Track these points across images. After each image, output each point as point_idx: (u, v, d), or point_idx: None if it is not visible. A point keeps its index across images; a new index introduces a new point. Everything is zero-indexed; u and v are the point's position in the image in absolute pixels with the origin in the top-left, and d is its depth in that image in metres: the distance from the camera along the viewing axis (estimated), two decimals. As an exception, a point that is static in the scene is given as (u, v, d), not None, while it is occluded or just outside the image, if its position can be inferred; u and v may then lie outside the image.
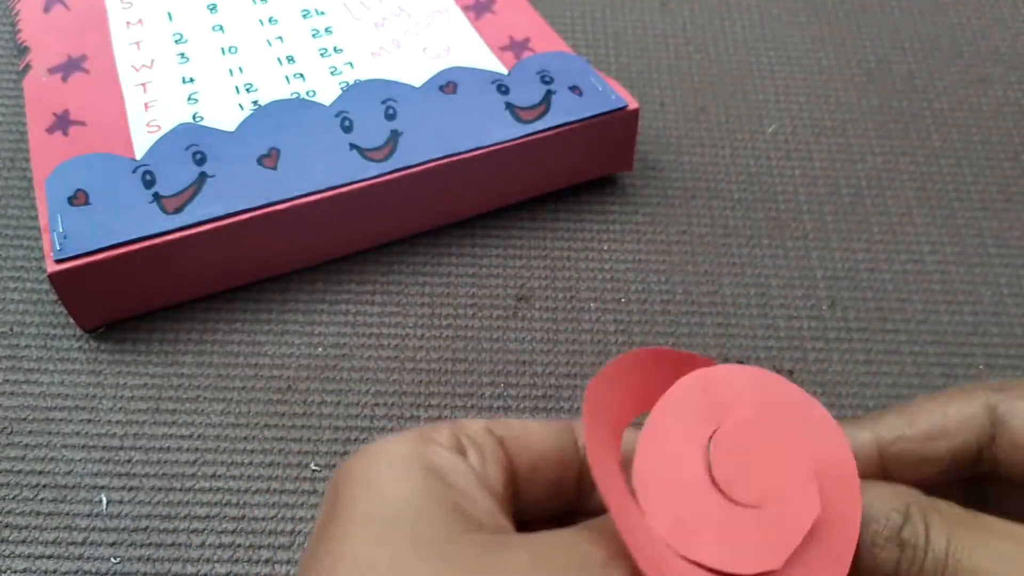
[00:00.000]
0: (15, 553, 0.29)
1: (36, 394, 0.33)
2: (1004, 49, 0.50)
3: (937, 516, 0.16)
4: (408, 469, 0.15)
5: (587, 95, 0.38)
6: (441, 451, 0.16)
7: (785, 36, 0.50)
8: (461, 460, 0.16)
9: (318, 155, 0.36)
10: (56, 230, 0.33)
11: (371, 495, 0.15)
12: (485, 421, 0.18)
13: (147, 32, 0.41)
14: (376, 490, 0.15)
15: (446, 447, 0.16)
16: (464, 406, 0.34)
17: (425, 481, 0.15)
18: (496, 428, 0.18)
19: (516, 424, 0.18)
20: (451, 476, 0.16)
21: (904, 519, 0.16)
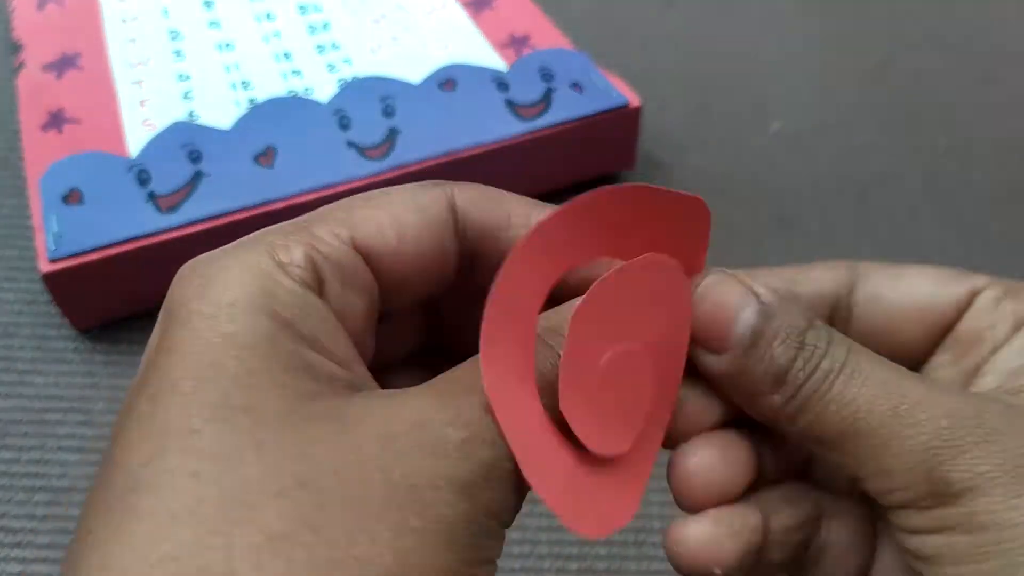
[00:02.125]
0: (10, 556, 0.29)
1: (30, 396, 0.33)
2: (1011, 47, 0.49)
3: (838, 334, 0.16)
4: (248, 316, 0.13)
5: (588, 92, 0.38)
6: (291, 287, 0.14)
7: (789, 33, 0.49)
8: (316, 300, 0.14)
9: (315, 153, 0.35)
10: (50, 229, 0.32)
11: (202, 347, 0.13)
12: (348, 228, 0.15)
13: (142, 29, 0.41)
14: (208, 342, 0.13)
15: (299, 279, 0.14)
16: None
17: (267, 332, 0.13)
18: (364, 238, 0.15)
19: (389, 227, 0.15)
20: (300, 322, 0.13)
21: (807, 324, 0.16)
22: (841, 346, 0.15)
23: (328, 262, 0.14)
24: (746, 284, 0.16)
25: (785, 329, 0.16)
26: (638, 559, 0.30)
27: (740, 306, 0.16)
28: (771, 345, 0.15)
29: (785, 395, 0.15)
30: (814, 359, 0.15)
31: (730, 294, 0.16)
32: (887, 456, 0.15)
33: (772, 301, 0.16)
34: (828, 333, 0.16)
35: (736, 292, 0.16)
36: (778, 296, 0.16)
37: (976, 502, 0.14)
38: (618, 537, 0.30)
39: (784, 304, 0.16)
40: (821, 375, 0.15)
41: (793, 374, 0.15)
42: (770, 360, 0.15)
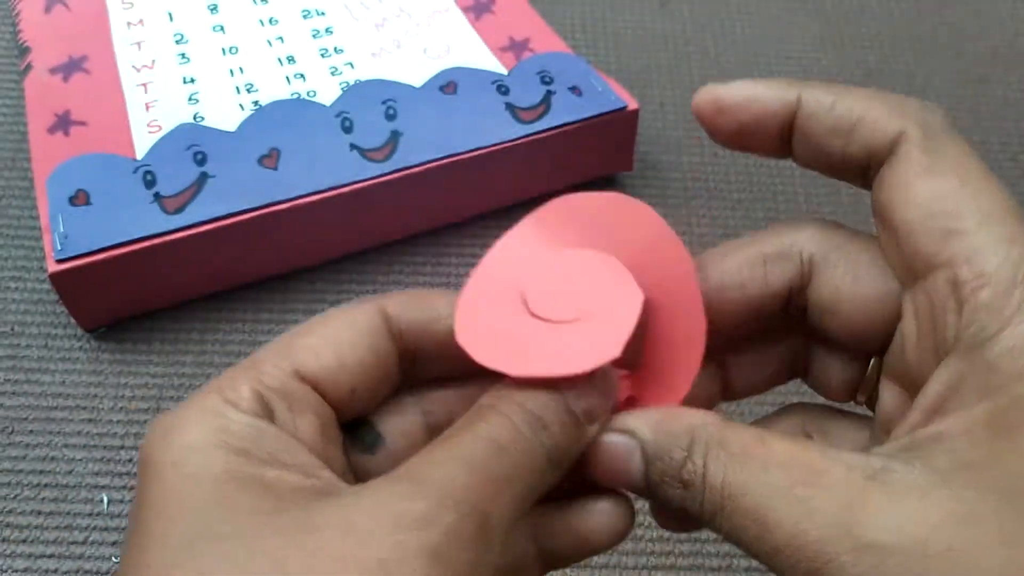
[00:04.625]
0: (16, 552, 0.29)
1: (37, 394, 0.33)
2: (1003, 49, 0.50)
3: (716, 451, 0.15)
4: (206, 454, 0.14)
5: (587, 95, 0.38)
6: (242, 419, 0.15)
7: (784, 35, 0.50)
8: (266, 424, 0.15)
9: (318, 155, 0.36)
10: (57, 230, 0.33)
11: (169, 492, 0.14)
12: (288, 359, 0.16)
13: (148, 32, 0.41)
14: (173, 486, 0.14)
15: (247, 411, 0.15)
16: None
17: (225, 465, 0.14)
18: (304, 366, 0.16)
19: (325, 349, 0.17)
20: (256, 447, 0.15)
21: (685, 457, 0.16)
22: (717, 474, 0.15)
23: (273, 392, 0.16)
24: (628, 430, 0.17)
25: (666, 470, 0.16)
26: (635, 554, 0.30)
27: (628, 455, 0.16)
28: (663, 489, 0.16)
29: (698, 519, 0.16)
30: (697, 497, 0.15)
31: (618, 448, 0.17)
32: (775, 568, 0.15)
33: (648, 439, 0.16)
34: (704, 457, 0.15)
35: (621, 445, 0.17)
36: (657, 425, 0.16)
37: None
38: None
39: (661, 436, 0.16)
40: (708, 514, 0.15)
41: (691, 511, 0.16)
42: (668, 501, 0.16)
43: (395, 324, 0.17)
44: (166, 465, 0.14)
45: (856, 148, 0.17)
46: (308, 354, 0.16)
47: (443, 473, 0.14)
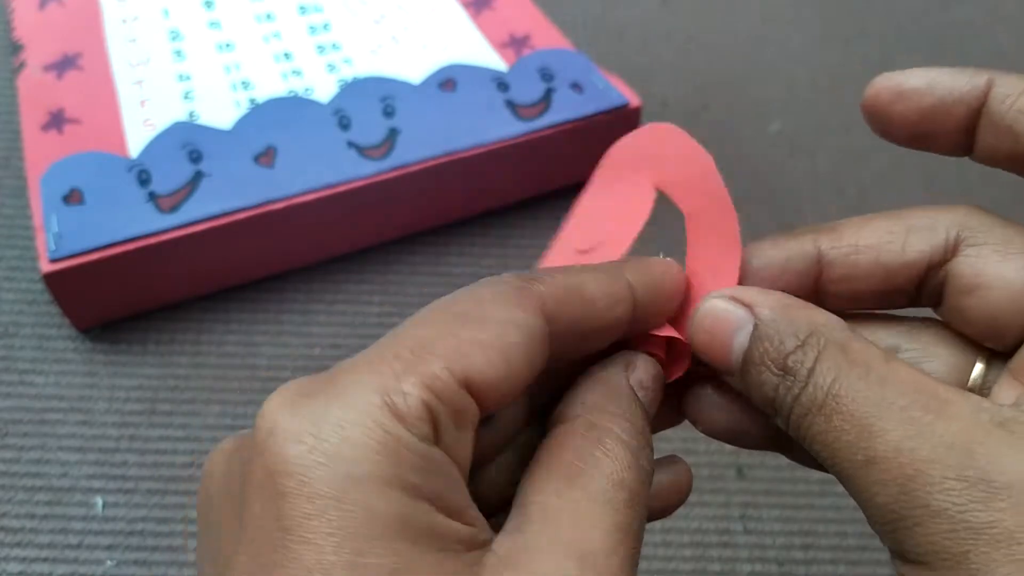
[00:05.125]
0: (10, 556, 0.29)
1: (30, 395, 0.33)
2: (1009, 47, 0.49)
3: (834, 352, 0.15)
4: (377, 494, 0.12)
5: (588, 93, 0.38)
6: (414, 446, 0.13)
7: (789, 33, 0.49)
8: (437, 453, 0.13)
9: (315, 153, 0.35)
10: (51, 229, 0.32)
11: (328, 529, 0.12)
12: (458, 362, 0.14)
13: (142, 29, 0.41)
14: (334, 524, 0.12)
15: (419, 432, 0.13)
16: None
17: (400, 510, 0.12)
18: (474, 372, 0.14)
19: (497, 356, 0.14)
20: (426, 484, 0.13)
21: (796, 346, 0.15)
22: (827, 374, 0.14)
23: (443, 406, 0.13)
24: (747, 301, 0.16)
25: (771, 353, 0.15)
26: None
27: (736, 328, 0.16)
28: (758, 371, 0.15)
29: (780, 422, 0.15)
30: (795, 388, 0.15)
31: (727, 316, 0.16)
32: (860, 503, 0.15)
33: (767, 319, 0.15)
34: (817, 354, 0.15)
35: (734, 315, 0.16)
36: (779, 309, 0.15)
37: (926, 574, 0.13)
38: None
39: (780, 320, 0.15)
40: (801, 409, 0.15)
41: (779, 403, 0.15)
42: (759, 388, 0.15)
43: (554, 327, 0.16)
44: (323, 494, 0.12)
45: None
46: (479, 358, 0.14)
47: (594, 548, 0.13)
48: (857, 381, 0.14)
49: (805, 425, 0.15)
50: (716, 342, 0.16)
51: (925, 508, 0.13)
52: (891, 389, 0.14)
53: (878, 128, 0.17)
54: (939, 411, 0.14)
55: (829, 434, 0.14)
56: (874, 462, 0.14)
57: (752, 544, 0.30)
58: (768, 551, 0.30)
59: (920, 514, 0.13)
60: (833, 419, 0.14)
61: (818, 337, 0.15)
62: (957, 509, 0.13)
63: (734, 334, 0.16)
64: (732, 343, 0.16)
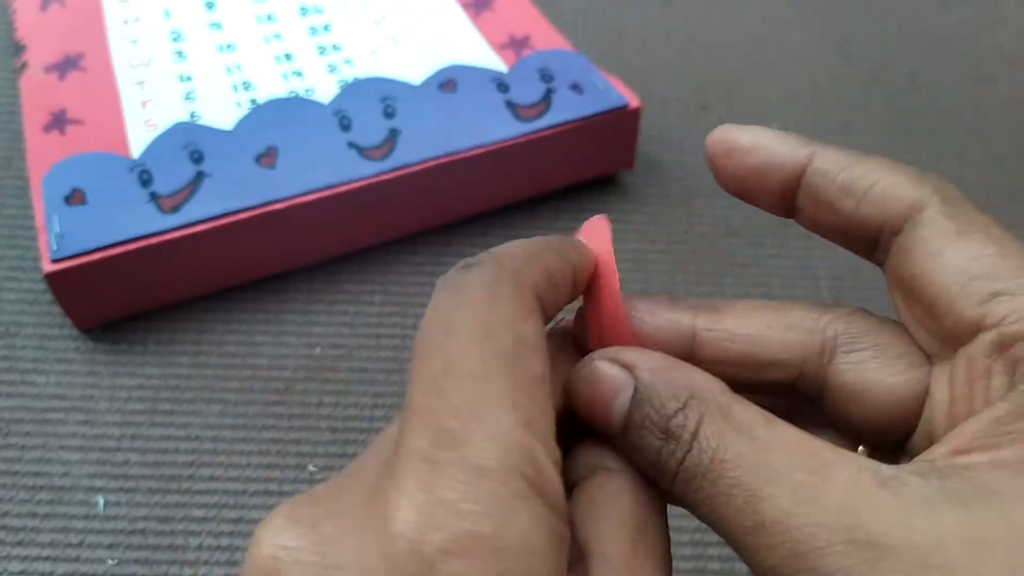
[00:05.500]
0: (11, 555, 0.29)
1: (32, 395, 0.33)
2: (1008, 47, 0.49)
3: (716, 417, 0.15)
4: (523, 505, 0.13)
5: (588, 93, 0.38)
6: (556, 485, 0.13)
7: (788, 34, 0.49)
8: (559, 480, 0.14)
9: (316, 154, 0.35)
10: (52, 229, 0.32)
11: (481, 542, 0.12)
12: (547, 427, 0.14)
13: (144, 30, 0.41)
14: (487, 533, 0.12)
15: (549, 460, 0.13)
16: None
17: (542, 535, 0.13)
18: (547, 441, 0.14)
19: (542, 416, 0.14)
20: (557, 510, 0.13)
21: (678, 409, 0.15)
22: (711, 437, 0.14)
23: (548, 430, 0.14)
24: (629, 363, 0.16)
25: (652, 416, 0.15)
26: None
27: (616, 390, 0.16)
28: (640, 435, 0.15)
29: (663, 483, 0.15)
30: (678, 452, 0.15)
31: (608, 379, 0.16)
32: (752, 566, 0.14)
33: (647, 381, 0.15)
34: (699, 418, 0.15)
35: (615, 377, 0.16)
36: (659, 371, 0.15)
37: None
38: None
39: (660, 382, 0.15)
40: (687, 474, 0.15)
41: (662, 466, 0.15)
42: (641, 451, 0.15)
43: None
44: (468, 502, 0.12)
45: (869, 212, 0.16)
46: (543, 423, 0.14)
47: None
48: (742, 446, 0.14)
49: (692, 489, 0.15)
50: (597, 404, 0.16)
51: (815, 571, 0.13)
52: (776, 453, 0.14)
53: (714, 172, 0.18)
54: (824, 473, 0.14)
55: (717, 499, 0.14)
56: (763, 527, 0.14)
57: (751, 543, 0.30)
58: (767, 550, 0.30)
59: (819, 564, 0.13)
60: (719, 484, 0.14)
61: (699, 400, 0.15)
62: (845, 573, 0.13)
63: (615, 396, 0.16)
64: (613, 405, 0.16)
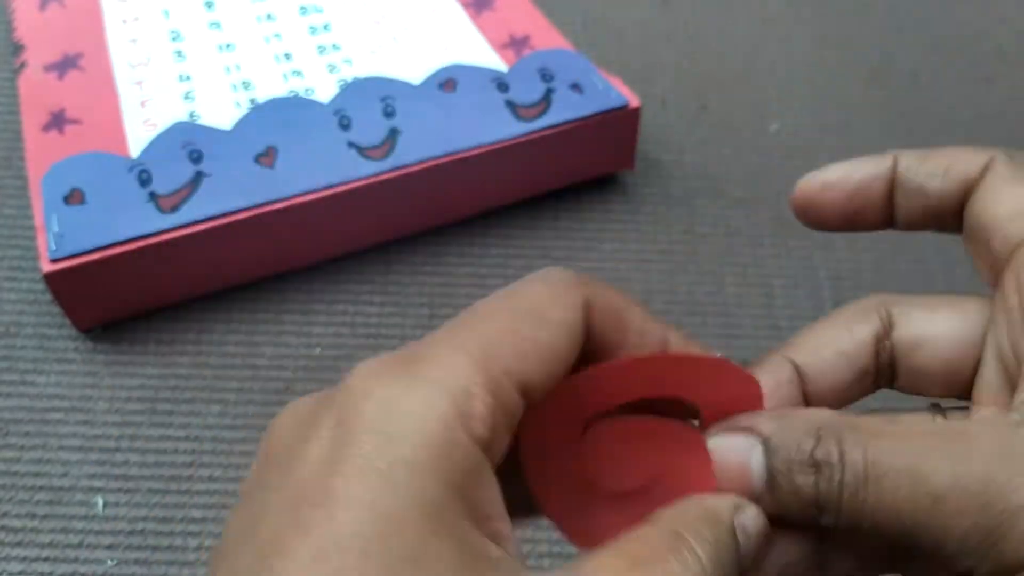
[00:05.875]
0: (11, 556, 0.29)
1: (32, 395, 0.33)
2: (1008, 47, 0.49)
3: (849, 432, 0.16)
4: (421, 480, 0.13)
5: (588, 93, 0.38)
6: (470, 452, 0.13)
7: (788, 33, 0.49)
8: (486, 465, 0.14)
9: (316, 153, 0.35)
10: (51, 229, 0.32)
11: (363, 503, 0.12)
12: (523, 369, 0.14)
13: (143, 29, 0.41)
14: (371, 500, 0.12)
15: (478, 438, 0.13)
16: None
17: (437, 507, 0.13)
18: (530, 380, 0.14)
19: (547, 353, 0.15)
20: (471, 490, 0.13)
21: (816, 441, 0.16)
22: (855, 450, 0.15)
23: (505, 415, 0.14)
24: (745, 427, 0.16)
25: (795, 458, 0.16)
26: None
27: (747, 454, 0.16)
28: (790, 480, 0.16)
29: (830, 516, 0.16)
30: (835, 477, 0.15)
31: (733, 447, 0.16)
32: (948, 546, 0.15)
33: (772, 431, 0.16)
34: (838, 441, 0.15)
35: (738, 443, 0.16)
36: (778, 420, 0.16)
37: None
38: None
39: (785, 428, 0.16)
40: (850, 490, 0.15)
41: (824, 498, 0.15)
42: (797, 494, 0.16)
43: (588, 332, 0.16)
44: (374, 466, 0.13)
45: (952, 183, 0.18)
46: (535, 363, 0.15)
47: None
48: (885, 444, 0.15)
49: (858, 502, 0.15)
50: (734, 471, 0.16)
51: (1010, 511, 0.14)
52: (916, 438, 0.15)
53: (812, 218, 0.20)
54: (965, 436, 0.15)
55: (885, 497, 0.15)
56: (943, 498, 0.14)
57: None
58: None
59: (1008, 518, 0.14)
60: (883, 482, 0.15)
61: (828, 428, 0.16)
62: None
63: (749, 458, 0.16)
64: (750, 467, 0.16)
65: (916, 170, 0.19)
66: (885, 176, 0.19)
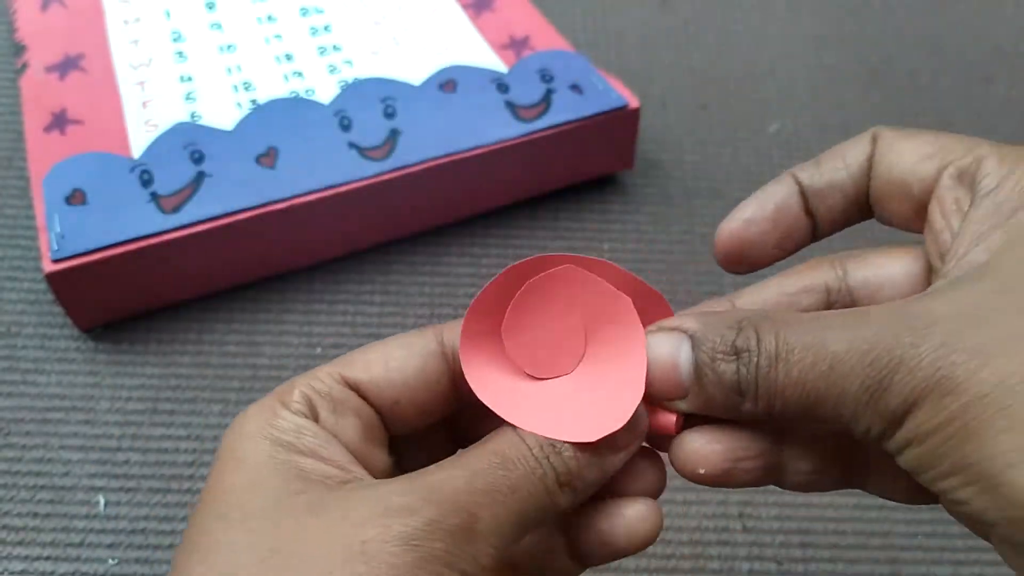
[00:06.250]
0: (12, 555, 0.29)
1: (33, 395, 0.33)
2: (1008, 48, 0.49)
3: (766, 321, 0.17)
4: (254, 444, 0.17)
5: (588, 94, 0.38)
6: (288, 417, 0.18)
7: (787, 34, 0.49)
8: (309, 423, 0.18)
9: (316, 154, 0.36)
10: (53, 229, 0.32)
11: (222, 476, 0.17)
12: (341, 368, 0.19)
13: (145, 30, 0.41)
14: (226, 469, 0.17)
15: (296, 411, 0.18)
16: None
17: (268, 452, 0.17)
18: (353, 374, 0.19)
19: (376, 362, 0.19)
20: (297, 440, 0.17)
21: (737, 332, 0.17)
22: (769, 335, 0.16)
23: (320, 396, 0.18)
24: (673, 327, 0.18)
25: (718, 348, 0.17)
26: (636, 557, 0.30)
27: (676, 349, 0.17)
28: (714, 368, 0.17)
29: (751, 401, 0.17)
30: (752, 358, 0.16)
31: (663, 345, 0.18)
32: (844, 411, 0.16)
33: (698, 328, 0.17)
34: (754, 328, 0.17)
35: (667, 340, 0.18)
36: (703, 317, 0.18)
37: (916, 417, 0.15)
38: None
39: (710, 324, 0.17)
40: (765, 375, 0.16)
41: (744, 382, 0.17)
42: (721, 381, 0.17)
43: (449, 349, 0.19)
44: (226, 450, 0.17)
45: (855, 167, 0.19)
46: (359, 365, 0.19)
47: (441, 476, 0.16)
48: (797, 326, 0.16)
49: (771, 381, 0.16)
50: (665, 370, 0.18)
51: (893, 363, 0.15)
52: (822, 319, 0.16)
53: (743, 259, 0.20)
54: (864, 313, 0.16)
55: (792, 371, 0.16)
56: (839, 361, 0.16)
57: (751, 543, 0.30)
58: (767, 549, 0.30)
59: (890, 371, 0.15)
60: (791, 358, 0.16)
61: (749, 319, 0.17)
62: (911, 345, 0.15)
63: (678, 353, 0.17)
64: (678, 362, 0.17)
65: (818, 174, 0.20)
66: (795, 191, 0.20)
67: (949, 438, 0.15)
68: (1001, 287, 0.16)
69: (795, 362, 0.16)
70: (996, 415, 0.14)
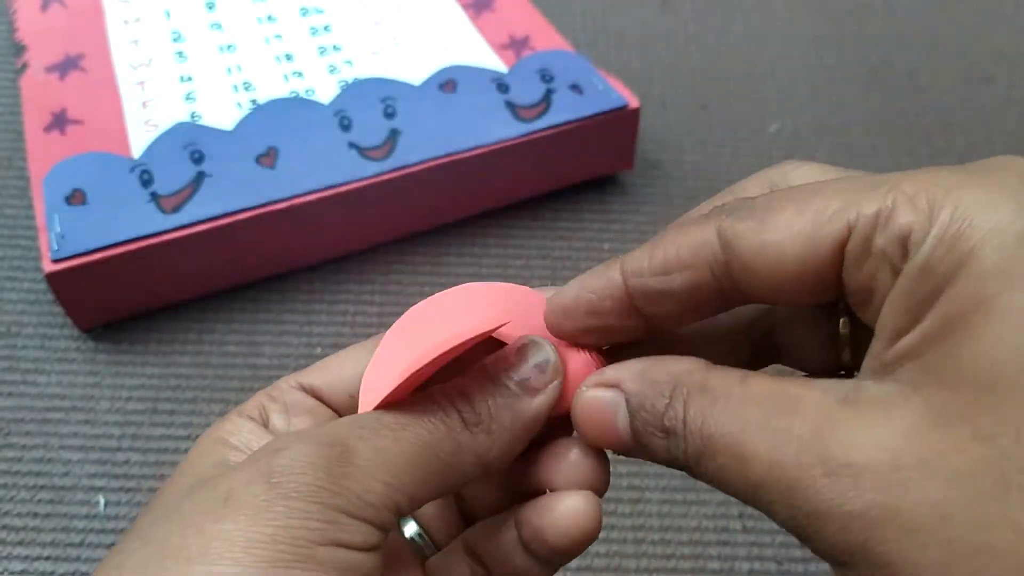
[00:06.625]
0: (12, 554, 0.29)
1: (33, 395, 0.33)
2: (1007, 48, 0.49)
3: (696, 396, 0.16)
4: (199, 447, 0.18)
5: (588, 94, 0.38)
6: (235, 420, 0.19)
7: (787, 34, 0.49)
8: (251, 424, 0.19)
9: (317, 154, 0.36)
10: (53, 229, 0.32)
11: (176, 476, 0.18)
12: (299, 376, 0.20)
13: (145, 30, 0.41)
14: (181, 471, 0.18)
15: (244, 416, 0.19)
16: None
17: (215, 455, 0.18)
18: (308, 379, 0.20)
19: (333, 365, 0.20)
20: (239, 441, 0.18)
21: (666, 404, 0.16)
22: (696, 420, 0.15)
23: (273, 402, 0.19)
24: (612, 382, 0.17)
25: (650, 420, 0.16)
26: (636, 556, 0.30)
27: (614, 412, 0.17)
28: (648, 441, 0.16)
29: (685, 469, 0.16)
30: (680, 444, 0.16)
31: (600, 405, 0.17)
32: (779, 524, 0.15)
33: (634, 391, 0.16)
34: (684, 404, 0.16)
35: (605, 399, 0.17)
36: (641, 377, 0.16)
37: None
38: (617, 535, 0.30)
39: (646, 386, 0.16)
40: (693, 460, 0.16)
41: (675, 462, 0.16)
42: (654, 453, 0.16)
43: None
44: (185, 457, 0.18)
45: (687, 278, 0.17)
46: (317, 370, 0.20)
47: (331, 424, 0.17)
48: (721, 414, 0.15)
49: (703, 471, 0.15)
50: (603, 431, 0.17)
51: (813, 514, 0.14)
52: (751, 408, 0.15)
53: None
54: (792, 412, 0.14)
55: (720, 474, 0.15)
56: (758, 487, 0.14)
57: (751, 542, 0.30)
58: (766, 549, 0.30)
59: (812, 522, 0.14)
60: (717, 458, 0.15)
61: (680, 388, 0.16)
62: (837, 504, 0.13)
63: (615, 417, 0.17)
64: (617, 425, 0.17)
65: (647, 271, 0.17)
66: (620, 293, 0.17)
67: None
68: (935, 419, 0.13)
69: (721, 467, 0.15)
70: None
